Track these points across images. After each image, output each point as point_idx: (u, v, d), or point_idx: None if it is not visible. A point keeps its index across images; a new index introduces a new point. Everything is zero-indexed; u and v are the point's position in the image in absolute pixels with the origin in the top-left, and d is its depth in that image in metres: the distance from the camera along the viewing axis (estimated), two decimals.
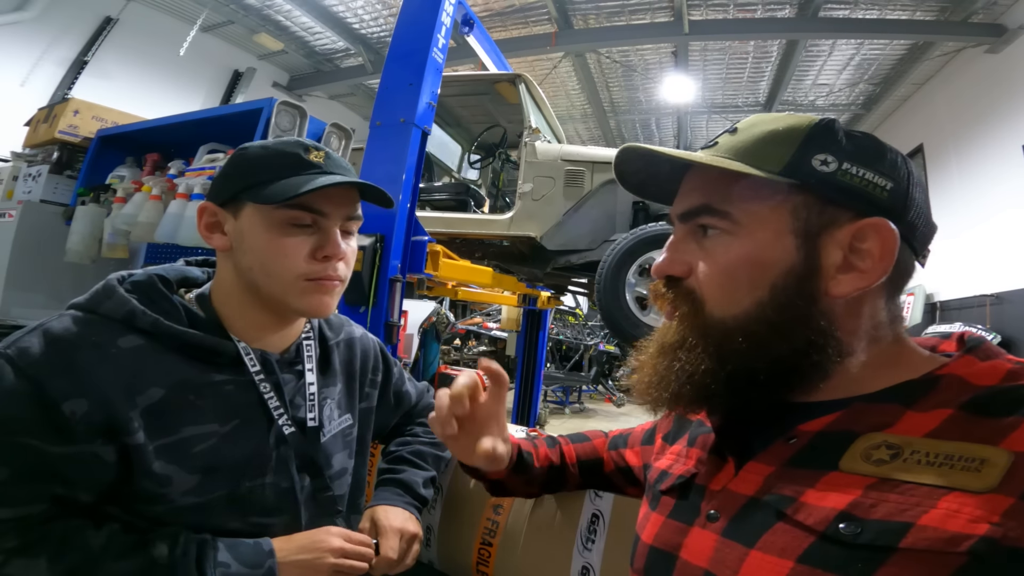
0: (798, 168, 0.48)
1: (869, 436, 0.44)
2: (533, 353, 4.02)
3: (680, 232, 0.56)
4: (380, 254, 1.89)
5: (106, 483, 0.63)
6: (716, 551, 0.48)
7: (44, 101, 5.68)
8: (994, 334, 5.02)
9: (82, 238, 2.01)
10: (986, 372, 0.44)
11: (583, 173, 2.90)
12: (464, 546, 0.98)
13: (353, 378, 0.89)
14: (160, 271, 0.74)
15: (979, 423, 0.41)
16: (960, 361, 0.47)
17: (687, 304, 0.53)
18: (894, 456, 0.42)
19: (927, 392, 0.45)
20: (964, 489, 0.38)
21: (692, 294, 0.53)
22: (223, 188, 0.73)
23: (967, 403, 0.43)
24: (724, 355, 0.50)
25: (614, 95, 8.37)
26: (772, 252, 0.49)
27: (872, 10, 5.64)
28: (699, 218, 0.53)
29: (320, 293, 0.73)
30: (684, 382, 0.52)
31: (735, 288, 0.50)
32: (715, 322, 0.51)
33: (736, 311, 0.50)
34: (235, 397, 0.70)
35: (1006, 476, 0.37)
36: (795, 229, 0.49)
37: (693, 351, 0.52)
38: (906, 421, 0.44)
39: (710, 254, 0.52)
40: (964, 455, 0.39)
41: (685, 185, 0.56)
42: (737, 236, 0.50)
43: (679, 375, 0.52)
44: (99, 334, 0.64)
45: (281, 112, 1.72)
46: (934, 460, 0.40)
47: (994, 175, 5.51)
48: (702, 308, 0.52)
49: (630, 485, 0.81)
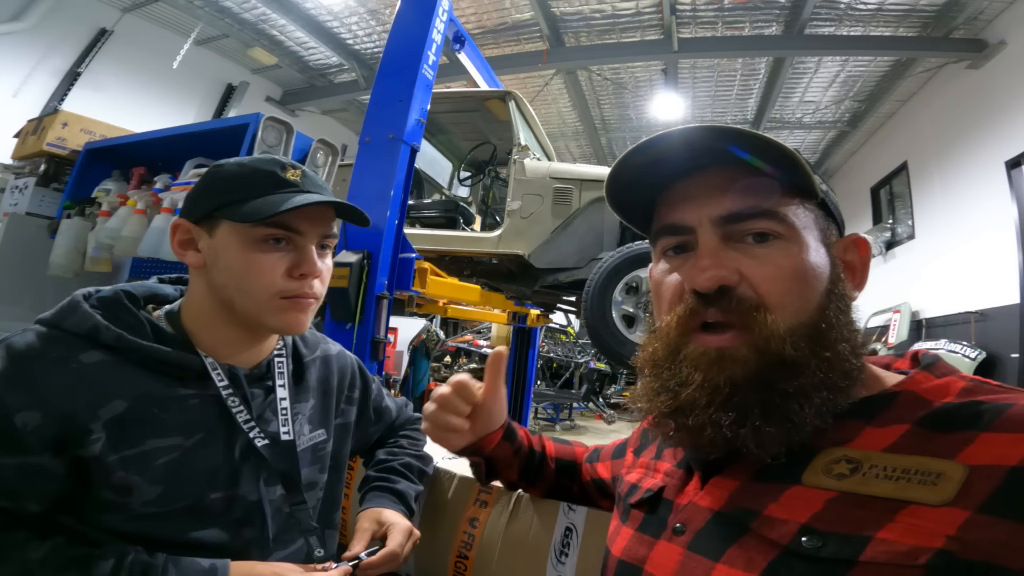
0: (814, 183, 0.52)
1: (829, 451, 0.46)
2: (523, 371, 4.01)
3: (714, 238, 0.51)
4: (367, 271, 1.90)
5: (55, 493, 0.63)
6: (682, 565, 0.49)
7: (36, 112, 5.65)
8: (979, 350, 5.07)
9: (66, 252, 2.00)
10: (941, 388, 0.46)
11: (571, 191, 2.92)
12: (441, 559, 0.99)
13: (329, 395, 0.89)
14: (128, 287, 0.75)
15: (935, 438, 0.42)
16: (916, 377, 0.48)
17: (754, 316, 0.48)
18: (854, 470, 0.43)
19: (885, 408, 0.46)
20: (921, 502, 0.39)
21: (757, 305, 0.48)
22: (197, 205, 0.74)
23: (923, 418, 0.44)
24: (817, 364, 0.47)
25: (605, 112, 8.47)
26: (820, 257, 0.51)
27: (856, 27, 5.76)
28: (753, 222, 0.50)
29: (295, 311, 0.74)
30: (783, 410, 0.46)
31: (804, 292, 0.49)
32: (787, 331, 0.47)
33: (806, 317, 0.48)
34: (200, 411, 0.70)
35: (962, 490, 0.38)
36: (821, 238, 0.52)
37: (790, 371, 0.46)
38: (865, 436, 0.45)
39: (767, 260, 0.49)
40: (921, 469, 0.40)
41: (702, 188, 0.52)
42: (793, 240, 0.50)
43: (781, 405, 0.46)
44: (61, 349, 0.65)
45: (268, 127, 1.73)
46: (892, 474, 0.41)
47: (977, 191, 5.58)
48: (771, 318, 0.47)
49: (603, 497, 0.82)
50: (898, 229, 7.38)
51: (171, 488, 0.65)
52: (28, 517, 0.63)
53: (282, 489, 0.75)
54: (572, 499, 0.89)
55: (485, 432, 0.78)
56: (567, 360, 7.72)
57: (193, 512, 0.67)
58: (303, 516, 0.76)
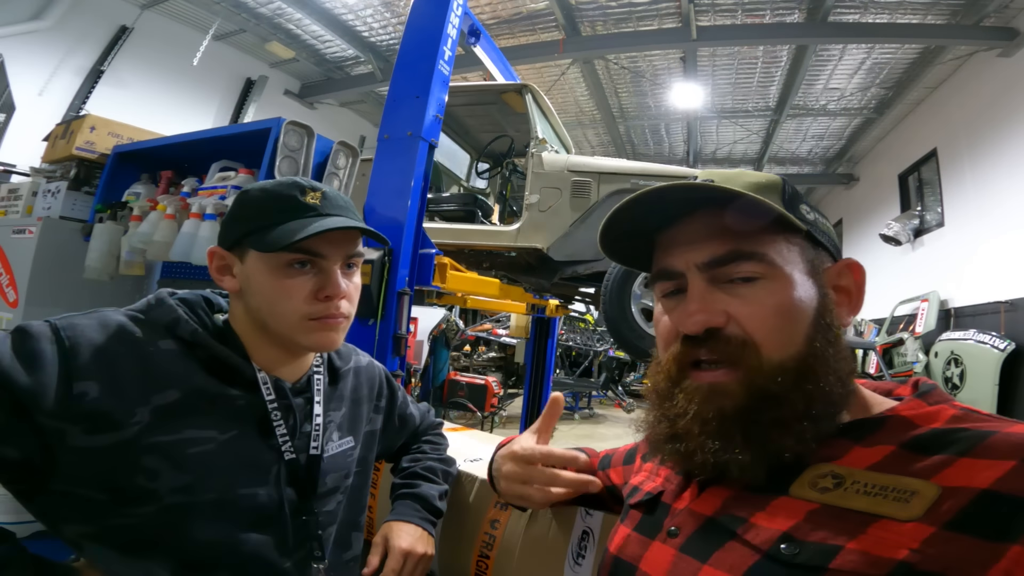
0: (797, 216, 0.53)
1: (818, 466, 0.49)
2: (542, 360, 4.03)
3: (701, 282, 0.54)
4: (388, 267, 1.92)
5: (46, 463, 0.61)
6: (673, 565, 0.52)
7: (62, 110, 5.79)
8: (1008, 341, 4.95)
9: (100, 255, 2.06)
10: (931, 415, 0.48)
11: (590, 184, 2.90)
12: (464, 558, 1.02)
13: (359, 404, 0.93)
14: (205, 294, 0.81)
15: (916, 460, 0.44)
16: (909, 404, 0.51)
17: (741, 353, 0.51)
18: (837, 485, 0.46)
19: (875, 430, 0.49)
20: (891, 517, 0.42)
21: (745, 342, 0.51)
22: (228, 233, 0.77)
23: (908, 442, 0.46)
24: (798, 397, 0.49)
25: (623, 101, 8.37)
26: (805, 290, 0.53)
27: (882, 14, 5.60)
28: (734, 264, 0.52)
29: (324, 331, 0.76)
30: (765, 440, 0.49)
31: (789, 327, 0.51)
32: (776, 366, 0.50)
33: (793, 351, 0.51)
34: (242, 411, 0.74)
35: (931, 507, 0.41)
36: (808, 270, 0.54)
37: (772, 403, 0.50)
38: (853, 455, 0.48)
39: (752, 299, 0.52)
40: (897, 487, 0.43)
41: (688, 235, 0.55)
42: (775, 279, 0.52)
43: (762, 434, 0.49)
44: (143, 334, 0.69)
45: (289, 132, 1.76)
46: (871, 490, 0.44)
47: (1010, 180, 5.43)
48: (759, 353, 0.51)
49: (616, 503, 0.84)
50: (927, 216, 7.22)
51: (200, 479, 0.68)
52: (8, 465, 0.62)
53: (296, 497, 0.77)
54: (589, 504, 0.90)
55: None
56: (586, 348, 7.72)
57: (221, 507, 0.69)
58: (311, 523, 0.79)
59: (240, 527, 0.71)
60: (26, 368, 0.61)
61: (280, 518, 0.75)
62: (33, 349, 0.62)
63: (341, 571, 0.84)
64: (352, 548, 0.89)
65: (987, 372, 5.00)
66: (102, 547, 0.66)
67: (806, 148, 9.45)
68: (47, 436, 0.61)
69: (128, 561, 0.66)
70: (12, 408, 0.59)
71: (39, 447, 0.61)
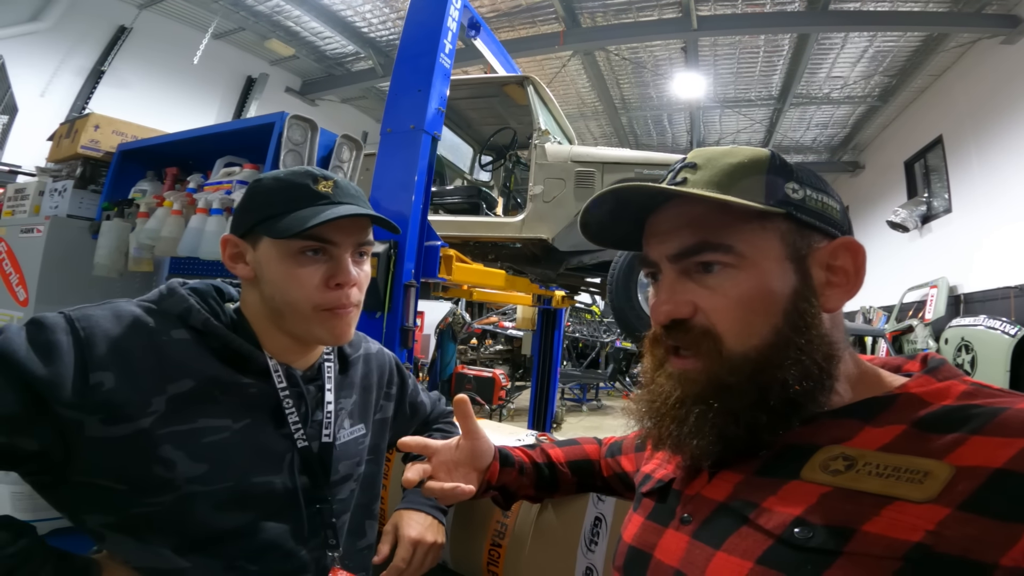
0: (777, 197, 0.52)
1: (829, 448, 0.48)
2: (549, 351, 4.03)
3: (672, 273, 0.55)
4: (394, 260, 1.92)
5: (65, 454, 0.62)
6: (687, 552, 0.52)
7: (64, 111, 5.80)
8: (1019, 327, 4.92)
9: (109, 252, 2.06)
10: (941, 392, 0.47)
11: (593, 174, 2.90)
12: (475, 547, 1.02)
13: (369, 391, 0.93)
14: (216, 284, 0.81)
15: (928, 439, 0.44)
16: (918, 380, 0.50)
17: (704, 343, 0.52)
18: (849, 467, 0.45)
19: (885, 409, 0.48)
20: (906, 499, 0.41)
21: (708, 332, 0.52)
22: (241, 221, 0.77)
23: (919, 420, 0.45)
24: (751, 388, 0.50)
25: (625, 92, 8.34)
26: (777, 279, 0.51)
27: (884, 2, 5.55)
28: (699, 256, 0.52)
29: (336, 320, 0.76)
30: (719, 427, 0.51)
31: (753, 319, 0.51)
32: (738, 356, 0.51)
33: (756, 341, 0.51)
34: (255, 400, 0.74)
35: (945, 488, 0.40)
36: (788, 255, 0.52)
37: (726, 393, 0.51)
38: (863, 435, 0.47)
39: (717, 290, 0.52)
40: (910, 468, 0.42)
41: (663, 225, 0.55)
42: (743, 268, 0.51)
43: (715, 421, 0.51)
44: (156, 324, 0.70)
45: (293, 126, 1.75)
46: (883, 472, 0.43)
47: (1017, 166, 5.39)
48: (721, 344, 0.51)
49: (628, 490, 0.84)
50: (934, 203, 7.18)
51: (215, 467, 0.68)
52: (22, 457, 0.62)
53: (310, 485, 0.78)
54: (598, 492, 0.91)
55: (483, 467, 0.81)
56: (593, 339, 7.71)
57: (237, 496, 0.70)
58: (325, 511, 0.80)
59: (257, 515, 0.72)
60: (43, 359, 0.61)
61: (295, 506, 0.75)
62: (49, 340, 0.62)
63: (355, 559, 0.85)
64: (366, 536, 0.90)
65: (998, 358, 4.97)
66: (123, 536, 0.66)
67: (810, 136, 9.40)
68: (65, 427, 0.61)
69: (148, 550, 0.66)
70: (30, 399, 0.60)
71: (57, 438, 0.61)
